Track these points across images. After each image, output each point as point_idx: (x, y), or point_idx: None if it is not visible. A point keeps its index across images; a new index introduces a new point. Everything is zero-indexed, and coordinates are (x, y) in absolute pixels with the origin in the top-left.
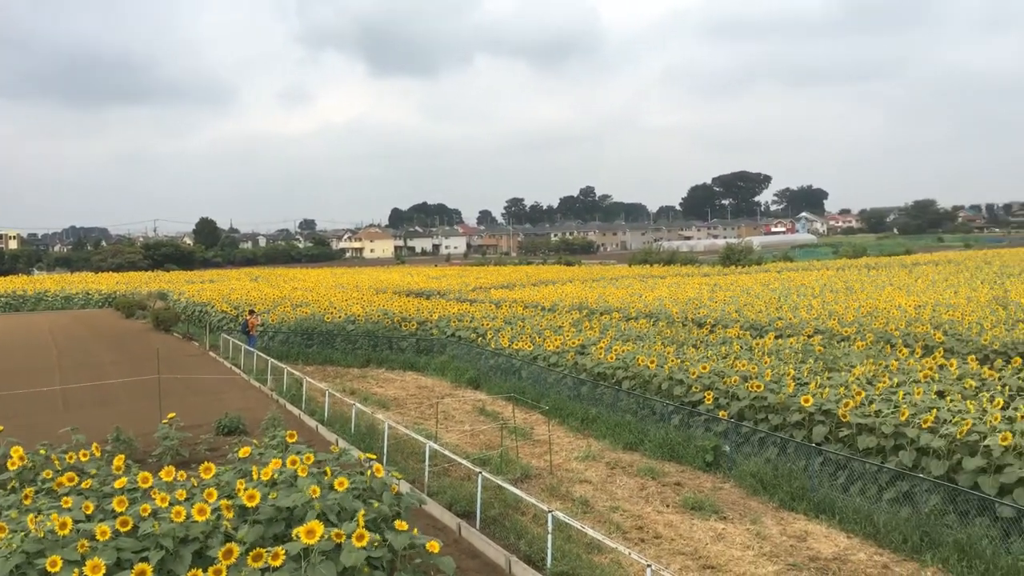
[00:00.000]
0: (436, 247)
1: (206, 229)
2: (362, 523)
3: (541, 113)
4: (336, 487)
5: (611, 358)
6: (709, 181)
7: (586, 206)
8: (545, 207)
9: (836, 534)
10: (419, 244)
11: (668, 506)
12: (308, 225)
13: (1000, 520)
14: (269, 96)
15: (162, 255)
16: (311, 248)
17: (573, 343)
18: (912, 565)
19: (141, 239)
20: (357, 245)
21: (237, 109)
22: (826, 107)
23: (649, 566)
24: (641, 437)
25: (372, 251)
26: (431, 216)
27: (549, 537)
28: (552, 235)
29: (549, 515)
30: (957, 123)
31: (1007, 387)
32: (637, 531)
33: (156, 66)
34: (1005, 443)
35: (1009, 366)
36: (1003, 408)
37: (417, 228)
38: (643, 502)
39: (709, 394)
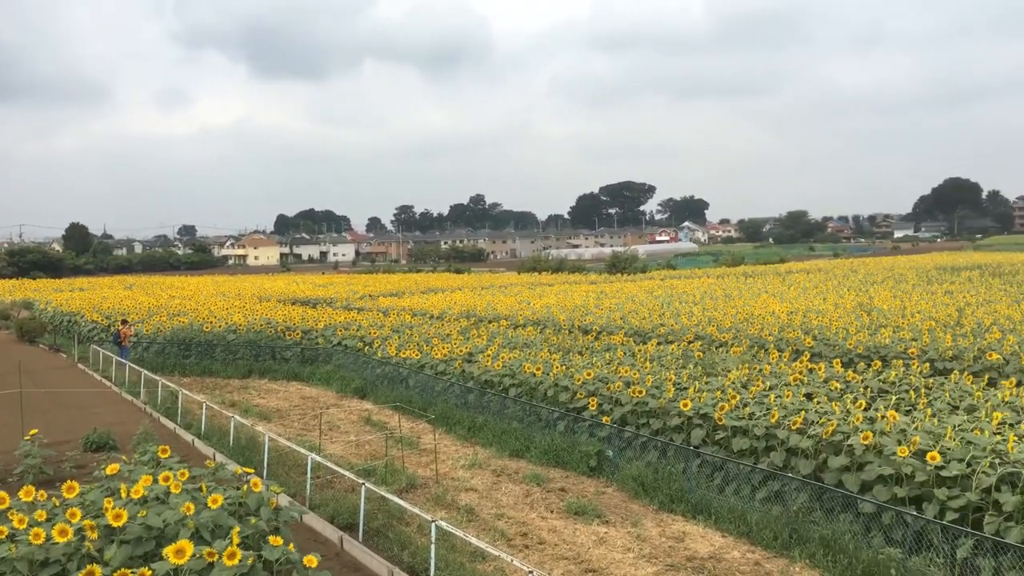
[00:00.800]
0: (324, 254)
1: (77, 235)
2: (236, 540)
3: (432, 120)
4: (210, 504)
5: (498, 366)
6: (596, 190)
7: (476, 214)
8: (435, 214)
9: (712, 534)
10: (306, 251)
11: (552, 512)
12: (188, 231)
13: (862, 515)
14: (146, 96)
15: (28, 262)
16: (191, 255)
17: (461, 351)
18: (782, 561)
19: (5, 245)
20: (240, 252)
21: (111, 109)
22: (708, 120)
23: (531, 572)
24: (527, 444)
25: (256, 258)
26: (319, 223)
27: (432, 547)
28: (442, 243)
29: (433, 525)
30: (828, 138)
31: (869, 389)
32: (522, 538)
33: (20, 62)
34: (866, 442)
35: (870, 369)
36: (865, 409)
37: (304, 235)
38: (528, 508)
39: (593, 400)
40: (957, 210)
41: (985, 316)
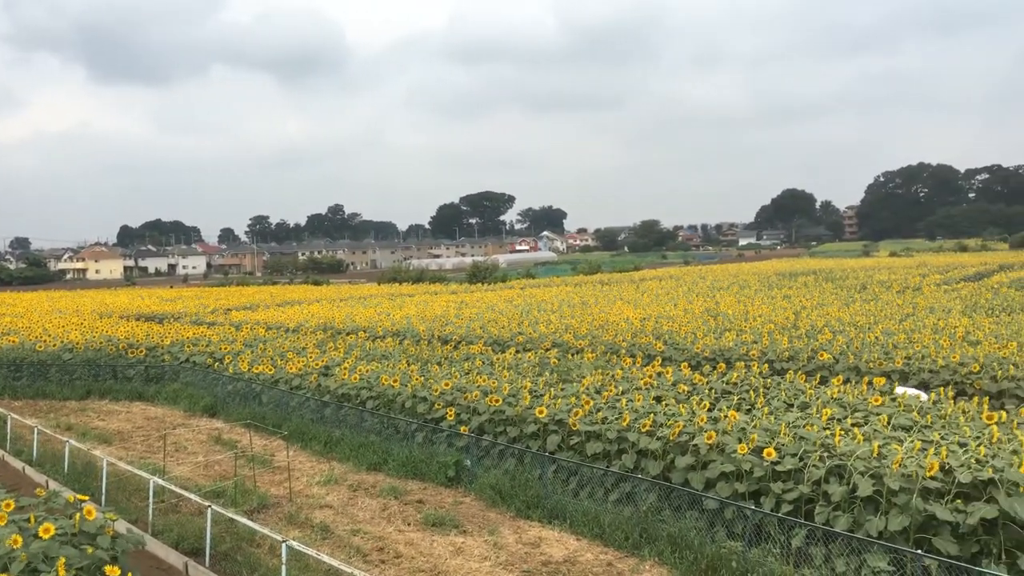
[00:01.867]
0: (172, 267)
1: None
2: (62, 572)
3: (288, 128)
4: (41, 534)
5: (355, 379)
6: (457, 200)
7: (335, 224)
8: (292, 225)
9: (567, 538)
10: (153, 264)
11: (410, 524)
12: (21, 244)
13: (706, 512)
14: None
15: None
16: (24, 270)
17: (316, 364)
18: (633, 560)
19: None
20: (80, 266)
21: None
22: (564, 132)
23: None
24: (385, 457)
25: (98, 272)
26: (166, 234)
27: (283, 568)
28: (300, 254)
29: (284, 545)
30: (676, 150)
31: (713, 390)
32: (378, 552)
33: None
34: (710, 441)
35: (715, 371)
36: (709, 410)
37: (150, 247)
38: (385, 522)
39: (451, 410)
40: (794, 219)
41: (818, 318)
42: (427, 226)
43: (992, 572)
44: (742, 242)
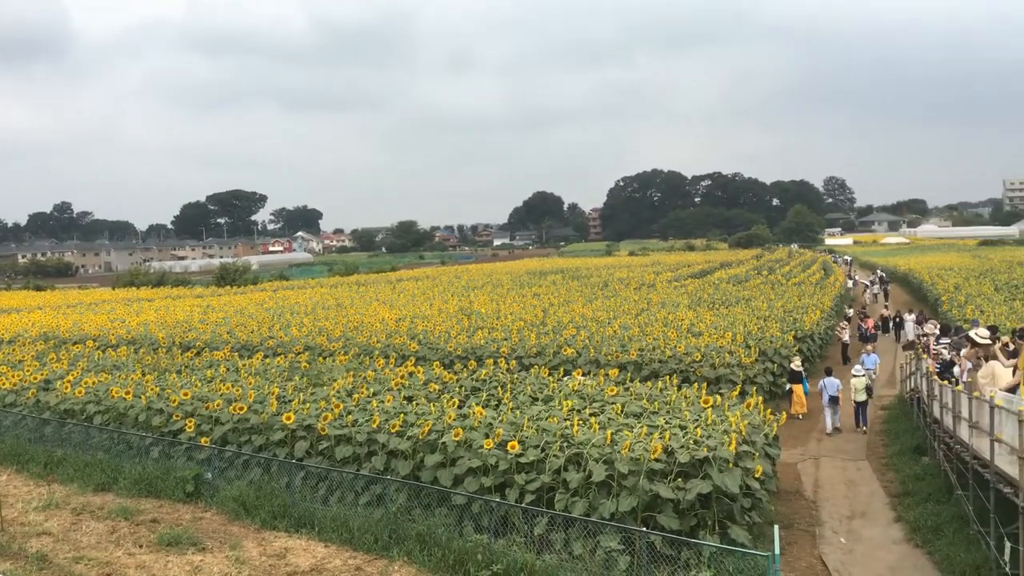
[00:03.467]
0: None
1: None
2: None
3: (4, 119)
4: None
5: (80, 392)
6: (203, 199)
7: (62, 224)
8: (11, 224)
9: (315, 545)
10: None
11: (142, 546)
12: None
13: (455, 508)
14: None
15: None
16: None
17: (35, 378)
18: (382, 563)
19: None
20: None
21: None
22: (319, 131)
23: None
24: (115, 475)
25: None
26: None
27: None
28: (20, 256)
29: None
30: (432, 152)
31: (463, 387)
32: None
33: None
34: (457, 438)
35: (465, 369)
36: (459, 407)
37: None
38: (114, 546)
39: (191, 421)
40: (545, 220)
41: (564, 315)
42: (170, 226)
43: (707, 543)
44: (497, 242)
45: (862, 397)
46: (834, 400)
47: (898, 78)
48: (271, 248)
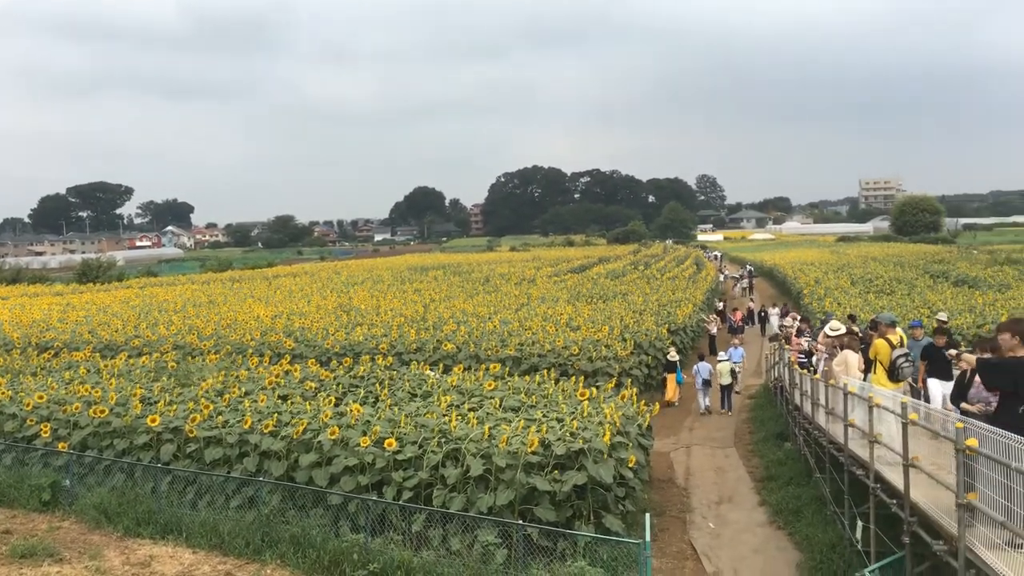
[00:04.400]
0: None
1: None
2: None
3: None
4: None
5: None
6: (64, 191)
7: None
8: None
9: (183, 552)
10: None
11: None
12: None
13: (331, 508)
14: None
15: None
16: None
17: None
18: (254, 567)
19: None
20: None
21: None
22: (191, 122)
23: None
24: None
25: None
26: None
27: None
28: None
29: None
30: (310, 145)
31: (340, 385)
32: None
33: None
34: (333, 436)
35: (342, 366)
36: (336, 405)
37: None
38: None
39: (46, 426)
40: (427, 216)
41: (445, 311)
42: (27, 220)
43: (582, 533)
44: (378, 238)
45: (727, 381)
46: (706, 383)
47: (767, 80)
48: (138, 243)
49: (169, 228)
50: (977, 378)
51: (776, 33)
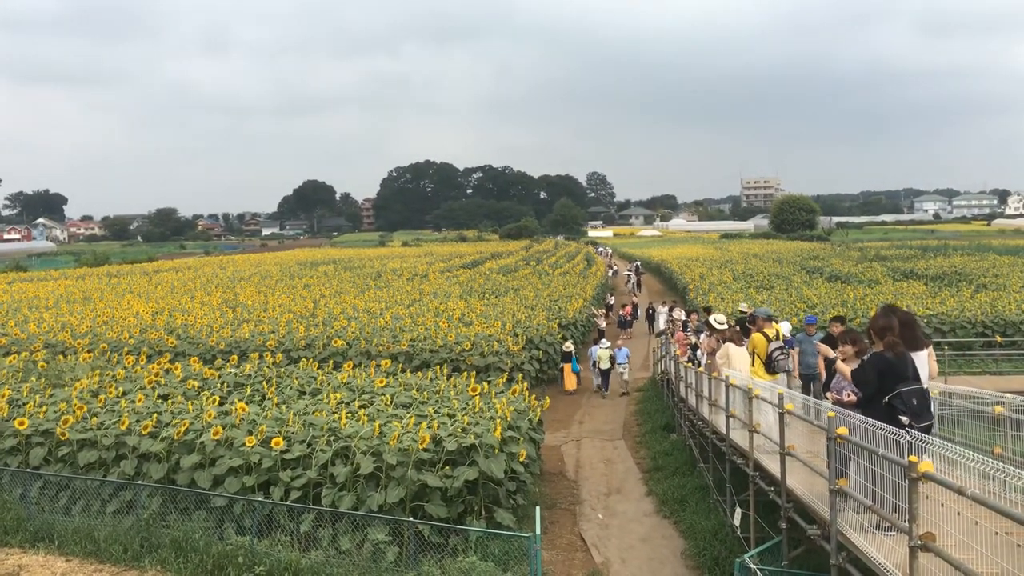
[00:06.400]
0: None
1: None
2: None
3: None
4: None
5: None
6: None
7: None
8: None
9: (55, 560)
10: None
11: None
12: None
13: (216, 510)
14: None
15: None
16: None
17: None
18: (133, 573)
19: None
20: None
21: None
22: (61, 109)
23: None
24: None
25: None
26: None
27: None
28: None
29: None
30: (191, 136)
31: (225, 383)
32: None
33: None
34: (217, 437)
35: (228, 364)
36: (220, 404)
37: None
38: None
39: None
40: (316, 210)
41: (336, 306)
42: None
43: (473, 528)
44: (265, 232)
45: (606, 366)
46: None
47: (655, 81)
48: (6, 236)
49: (40, 220)
50: (836, 367)
51: (664, 38)
